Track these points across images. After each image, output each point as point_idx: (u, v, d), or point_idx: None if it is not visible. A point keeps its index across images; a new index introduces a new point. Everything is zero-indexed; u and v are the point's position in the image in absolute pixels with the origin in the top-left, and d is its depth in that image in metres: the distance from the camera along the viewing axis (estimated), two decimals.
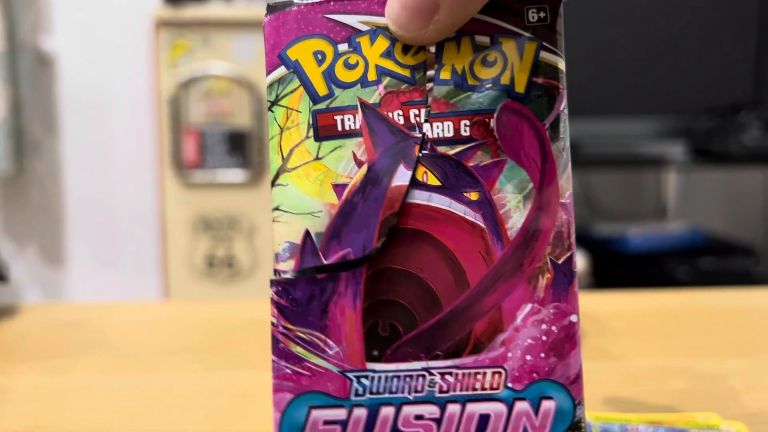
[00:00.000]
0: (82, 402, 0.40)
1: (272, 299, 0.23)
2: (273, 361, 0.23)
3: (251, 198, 1.75)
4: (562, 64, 0.23)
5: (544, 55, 0.23)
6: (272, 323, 0.23)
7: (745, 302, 0.61)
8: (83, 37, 1.86)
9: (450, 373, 0.23)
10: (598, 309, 0.57)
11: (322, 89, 0.23)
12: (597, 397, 0.39)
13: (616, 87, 1.64)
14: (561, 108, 0.23)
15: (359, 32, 0.23)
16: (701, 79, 1.66)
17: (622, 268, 1.59)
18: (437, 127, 0.23)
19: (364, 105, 0.23)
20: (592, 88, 1.61)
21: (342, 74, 0.23)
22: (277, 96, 0.24)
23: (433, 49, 0.23)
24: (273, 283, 0.23)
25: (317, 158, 0.23)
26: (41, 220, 1.92)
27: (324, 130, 0.23)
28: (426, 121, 0.23)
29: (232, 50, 1.72)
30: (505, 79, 0.23)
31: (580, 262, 1.49)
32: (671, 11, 1.64)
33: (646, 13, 1.64)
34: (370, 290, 0.23)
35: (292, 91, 0.23)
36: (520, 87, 0.23)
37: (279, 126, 0.23)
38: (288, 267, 0.23)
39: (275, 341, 0.23)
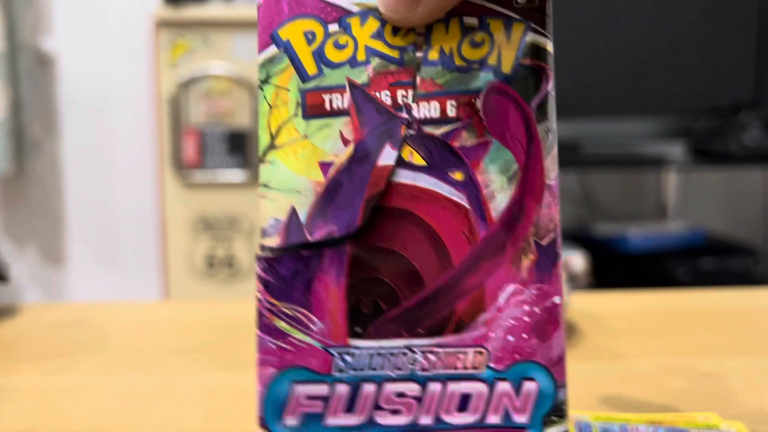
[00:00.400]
0: (82, 402, 0.40)
1: (258, 275, 0.23)
2: (258, 335, 0.23)
3: (251, 198, 1.75)
4: (550, 46, 0.23)
5: (532, 37, 0.23)
6: (257, 298, 0.23)
7: (745, 302, 0.61)
8: (83, 37, 1.87)
9: (432, 352, 0.23)
10: (598, 309, 0.57)
11: (311, 68, 0.24)
12: (597, 397, 0.39)
13: (616, 87, 1.64)
14: (548, 89, 0.23)
15: (350, 13, 0.24)
16: (701, 79, 1.66)
17: (622, 268, 1.59)
18: (424, 107, 0.23)
19: (353, 85, 0.23)
20: (592, 88, 1.61)
21: (331, 54, 0.24)
22: (267, 75, 0.24)
23: (422, 31, 0.23)
24: (259, 259, 0.23)
25: (305, 136, 0.23)
26: (41, 220, 1.92)
27: (312, 108, 0.23)
28: (413, 101, 0.23)
29: (232, 50, 1.72)
30: (492, 60, 0.23)
31: (580, 261, 1.49)
32: (671, 12, 1.64)
33: (646, 13, 1.64)
34: (353, 267, 0.23)
35: (282, 70, 0.24)
36: (506, 68, 0.23)
37: (268, 104, 0.24)
38: (273, 243, 0.23)
39: (260, 316, 0.23)
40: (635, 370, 0.44)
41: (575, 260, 1.49)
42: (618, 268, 1.59)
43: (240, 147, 1.74)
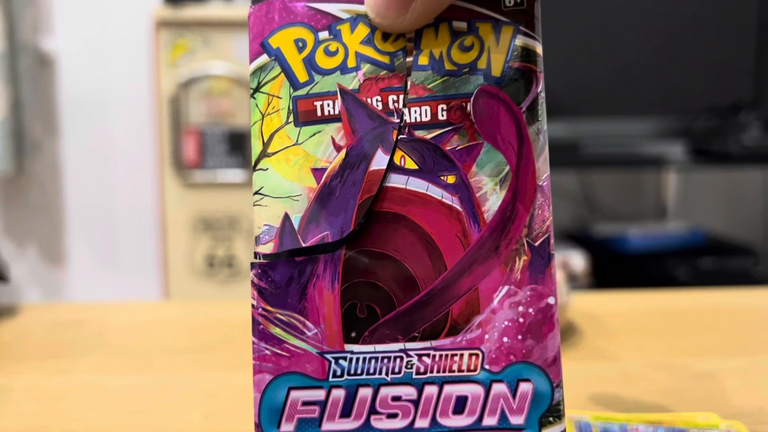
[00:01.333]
0: (82, 402, 0.40)
1: (252, 281, 0.23)
2: (253, 342, 0.23)
3: (251, 198, 1.75)
4: (539, 48, 0.24)
5: (521, 39, 0.23)
6: (252, 305, 0.23)
7: (745, 302, 0.61)
8: (83, 37, 1.87)
9: (427, 355, 0.23)
10: (598, 309, 0.57)
11: (302, 76, 0.24)
12: (597, 397, 0.39)
13: (616, 87, 1.64)
14: (538, 91, 0.23)
15: (340, 20, 0.24)
16: (701, 79, 1.66)
17: (622, 268, 1.59)
18: (415, 111, 0.23)
19: (344, 91, 0.24)
20: (592, 88, 1.61)
21: (322, 61, 0.24)
22: (259, 83, 0.24)
23: (412, 36, 0.23)
24: (253, 265, 0.23)
25: (297, 143, 0.24)
26: (41, 220, 1.92)
27: (304, 115, 0.24)
28: (404, 106, 0.23)
29: (232, 50, 1.72)
30: (481, 64, 0.23)
31: (580, 262, 1.49)
32: (671, 11, 1.64)
33: (646, 12, 1.64)
34: (348, 272, 0.23)
35: (273, 78, 0.24)
36: (496, 71, 0.23)
37: (260, 112, 0.24)
38: (267, 250, 0.23)
39: (255, 323, 0.23)
40: (635, 370, 0.44)
41: (575, 260, 1.49)
42: (618, 268, 1.59)
43: (240, 147, 1.74)
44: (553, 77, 1.58)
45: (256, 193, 0.24)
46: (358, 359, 0.23)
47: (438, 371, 0.23)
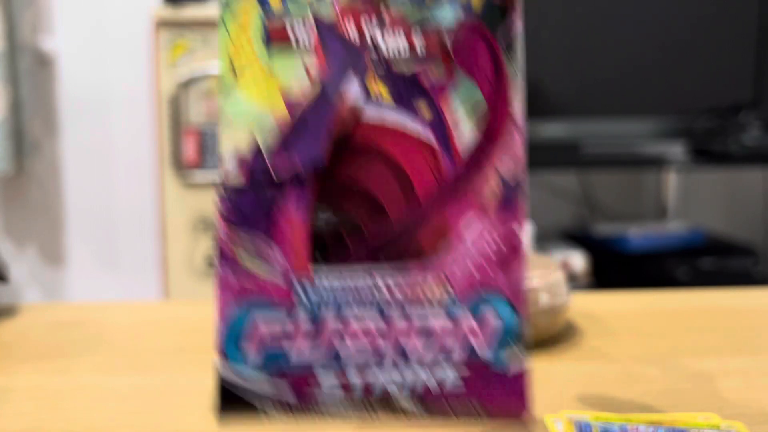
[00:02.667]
0: (82, 402, 0.40)
1: (218, 210, 0.23)
2: (217, 270, 0.23)
3: None
4: None
5: None
6: (218, 234, 0.23)
7: (745, 302, 0.61)
8: (83, 37, 1.87)
9: (396, 285, 0.23)
10: (598, 309, 0.57)
11: (275, 2, 0.23)
12: (597, 397, 0.39)
13: (616, 87, 1.64)
14: (517, 27, 0.23)
15: None
16: (701, 79, 1.66)
17: (622, 268, 1.59)
18: (392, 43, 0.23)
19: (318, 19, 0.23)
20: (592, 88, 1.61)
21: None
22: (230, 7, 0.24)
23: None
24: (219, 194, 0.23)
25: (269, 71, 0.23)
26: (41, 220, 1.92)
27: (276, 42, 0.23)
28: (381, 37, 0.23)
29: None
30: None
31: (580, 261, 1.49)
32: (672, 12, 1.64)
33: (646, 13, 1.64)
34: (317, 202, 0.23)
35: (245, 4, 0.23)
36: (476, 4, 0.23)
37: (230, 39, 0.23)
38: (235, 178, 0.23)
39: (220, 251, 0.23)
40: (635, 370, 0.44)
41: (575, 260, 1.49)
42: (618, 268, 1.59)
43: None
44: (553, 77, 1.58)
45: (223, 119, 0.23)
46: (325, 288, 0.23)
47: (405, 300, 0.23)
